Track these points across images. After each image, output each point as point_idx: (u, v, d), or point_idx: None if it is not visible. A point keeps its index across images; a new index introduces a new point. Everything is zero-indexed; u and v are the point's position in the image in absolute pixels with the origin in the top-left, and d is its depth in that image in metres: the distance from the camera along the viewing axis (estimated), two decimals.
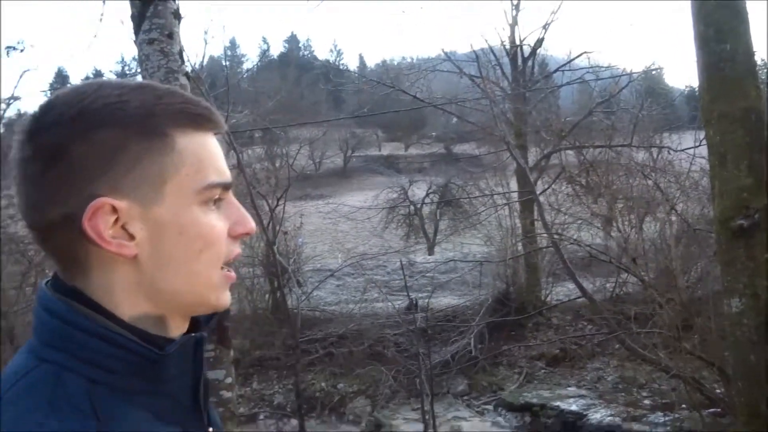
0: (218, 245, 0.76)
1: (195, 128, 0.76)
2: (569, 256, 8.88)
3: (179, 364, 0.74)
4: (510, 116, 12.33)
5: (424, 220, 22.70)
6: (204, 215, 0.75)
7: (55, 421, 0.63)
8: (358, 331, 12.34)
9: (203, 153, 0.76)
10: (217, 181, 0.76)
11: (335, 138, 32.91)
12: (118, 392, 0.69)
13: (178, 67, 2.90)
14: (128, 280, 0.73)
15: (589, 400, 10.26)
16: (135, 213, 0.72)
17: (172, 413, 0.74)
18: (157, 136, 0.73)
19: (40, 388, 0.66)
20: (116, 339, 0.69)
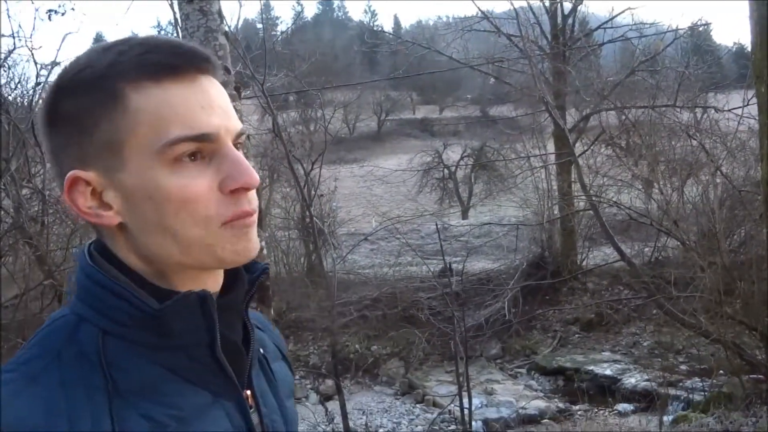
0: (198, 203, 0.70)
1: (154, 80, 0.69)
2: (607, 220, 8.71)
3: (185, 319, 0.71)
4: (549, 76, 12.02)
5: (459, 183, 22.53)
6: (172, 175, 0.69)
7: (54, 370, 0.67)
8: (392, 295, 12.42)
9: (163, 107, 0.69)
10: (181, 135, 0.68)
11: (369, 101, 32.67)
12: (131, 344, 0.70)
13: (217, 26, 2.88)
14: (126, 245, 0.73)
15: (624, 364, 10.20)
16: (105, 182, 0.71)
17: (193, 371, 0.73)
18: (110, 98, 0.69)
19: (58, 334, 0.70)
20: (121, 292, 0.70)
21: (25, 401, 0.64)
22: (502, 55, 12.07)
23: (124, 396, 0.67)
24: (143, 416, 0.68)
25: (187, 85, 0.70)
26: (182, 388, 0.72)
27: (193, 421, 0.71)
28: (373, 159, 28.44)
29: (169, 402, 0.70)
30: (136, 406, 0.68)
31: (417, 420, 9.34)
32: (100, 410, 0.66)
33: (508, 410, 8.92)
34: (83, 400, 0.65)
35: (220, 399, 0.75)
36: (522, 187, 13.96)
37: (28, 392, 0.64)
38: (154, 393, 0.70)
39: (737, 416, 4.26)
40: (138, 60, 0.69)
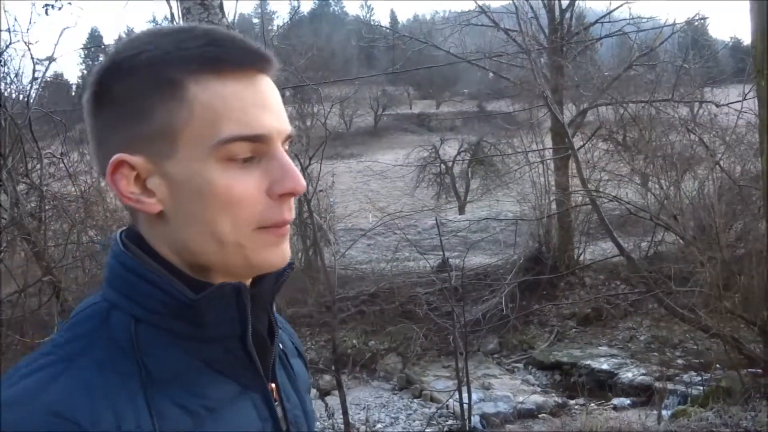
0: (244, 206, 0.69)
1: (216, 74, 0.68)
2: (604, 215, 8.73)
3: (219, 311, 0.71)
4: (546, 71, 12.02)
5: (456, 179, 22.52)
6: (223, 173, 0.68)
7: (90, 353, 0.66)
8: (390, 290, 12.44)
9: (221, 103, 0.68)
10: (237, 134, 0.68)
11: (366, 96, 32.59)
12: (164, 333, 0.70)
13: (219, 21, 2.86)
14: (163, 234, 0.72)
15: (621, 359, 10.24)
16: (152, 169, 0.69)
17: (225, 363, 0.73)
18: (168, 85, 0.68)
19: (90, 320, 0.70)
20: (155, 280, 0.69)
21: (65, 383, 0.63)
22: (499, 49, 12.06)
23: (157, 384, 0.67)
24: (177, 405, 0.68)
25: (246, 83, 0.70)
26: (213, 378, 0.72)
27: (222, 412, 0.71)
28: (370, 154, 28.39)
29: (200, 392, 0.70)
30: (169, 394, 0.68)
31: (414, 415, 9.36)
32: (136, 396, 0.65)
33: (505, 405, 8.95)
34: (118, 385, 0.65)
35: (248, 391, 0.75)
36: (519, 183, 13.96)
37: (68, 374, 0.64)
38: (186, 382, 0.70)
39: (736, 410, 4.28)
40: (201, 51, 0.68)
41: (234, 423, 0.72)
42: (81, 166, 7.42)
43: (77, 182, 6.88)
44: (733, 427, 4.05)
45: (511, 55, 11.54)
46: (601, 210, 8.23)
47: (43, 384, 0.62)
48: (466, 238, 14.26)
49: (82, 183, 7.00)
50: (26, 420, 0.59)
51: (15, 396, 0.61)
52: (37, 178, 6.16)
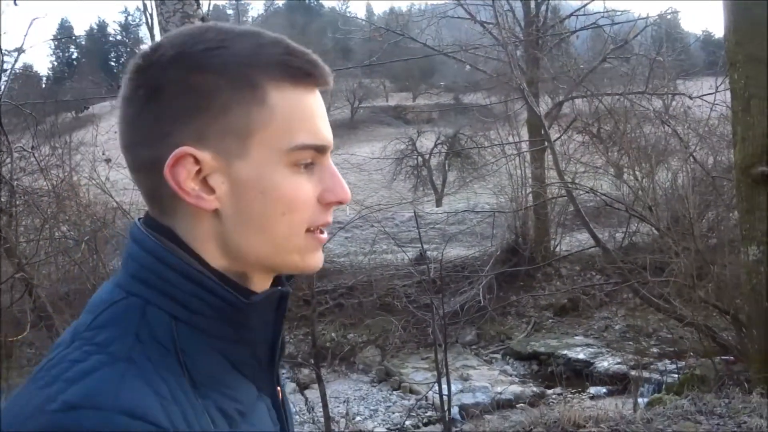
0: (302, 210, 0.72)
1: (292, 83, 0.71)
2: (580, 206, 8.81)
3: (262, 315, 0.73)
4: (522, 64, 12.07)
5: (433, 171, 22.57)
6: (290, 177, 0.71)
7: (141, 351, 0.63)
8: (368, 283, 12.44)
9: (296, 111, 0.71)
10: (308, 142, 0.71)
11: (342, 89, 32.48)
12: (200, 333, 0.69)
13: (194, 12, 2.81)
14: (210, 232, 0.71)
15: (597, 348, 10.39)
16: (218, 166, 0.70)
17: (249, 367, 0.74)
18: (248, 86, 0.69)
19: (127, 319, 0.66)
20: (204, 281, 0.69)
21: (133, 383, 0.60)
22: (476, 42, 12.08)
23: (198, 386, 0.66)
24: (218, 408, 0.68)
25: (313, 95, 0.73)
26: (240, 382, 0.73)
27: (250, 415, 0.73)
28: (346, 147, 28.28)
29: (232, 395, 0.71)
30: (210, 398, 0.67)
31: (394, 407, 9.38)
32: (192, 399, 0.65)
33: (483, 395, 9.02)
34: (173, 382, 0.64)
35: (262, 394, 0.77)
36: (496, 175, 14.04)
37: (132, 374, 0.61)
38: (221, 385, 0.70)
39: (710, 398, 4.37)
40: (281, 59, 0.70)
41: (258, 425, 0.74)
42: (52, 159, 7.29)
43: (49, 176, 6.76)
44: (708, 414, 4.13)
45: (488, 47, 11.57)
46: (577, 201, 8.31)
47: (110, 385, 0.59)
48: (444, 231, 14.32)
49: (53, 177, 6.88)
50: (104, 423, 0.56)
51: (83, 397, 0.57)
52: (8, 173, 6.03)
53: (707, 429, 3.94)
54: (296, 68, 0.71)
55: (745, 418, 4.00)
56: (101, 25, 53.73)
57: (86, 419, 0.56)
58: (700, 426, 3.99)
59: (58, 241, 6.56)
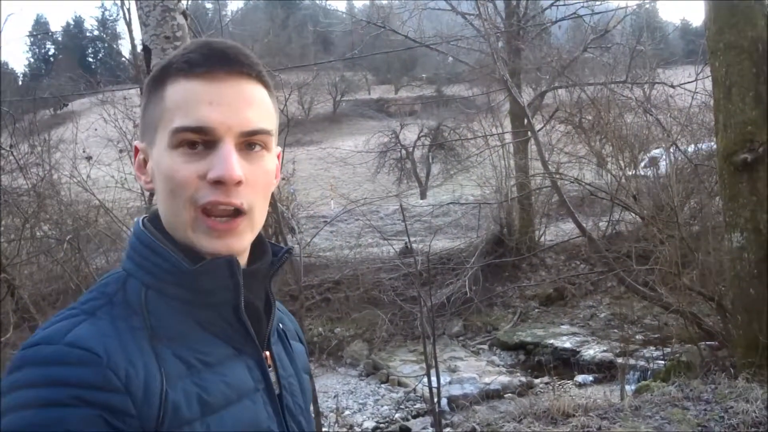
0: (184, 187, 0.81)
1: (185, 76, 0.81)
2: (564, 196, 8.84)
3: (213, 280, 0.82)
4: (504, 55, 12.07)
5: (416, 164, 22.57)
6: (171, 158, 0.81)
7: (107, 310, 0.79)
8: (354, 276, 12.42)
9: (181, 99, 0.81)
10: (182, 125, 0.80)
11: (325, 82, 32.33)
12: (168, 298, 0.82)
13: (175, 5, 2.76)
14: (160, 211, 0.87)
15: (582, 337, 10.47)
16: (147, 153, 0.86)
17: (218, 327, 0.85)
18: (158, 87, 0.84)
19: (112, 285, 0.84)
20: (161, 251, 0.83)
21: (84, 328, 0.76)
22: (457, 33, 12.06)
23: (161, 339, 0.79)
24: (176, 356, 0.79)
25: (208, 83, 0.81)
26: (209, 340, 0.83)
27: (217, 366, 0.82)
28: (330, 141, 28.25)
29: (196, 347, 0.82)
30: (170, 348, 0.79)
31: (382, 400, 9.39)
32: (143, 344, 0.77)
33: (472, 386, 9.05)
34: (129, 335, 0.77)
35: (242, 355, 0.86)
36: (480, 167, 14.05)
37: (88, 322, 0.77)
38: (185, 339, 0.81)
39: (697, 383, 4.41)
40: (181, 58, 0.83)
41: (228, 377, 0.83)
42: (32, 158, 7.17)
43: (28, 175, 6.65)
44: (695, 399, 4.18)
45: (470, 39, 11.56)
46: (562, 191, 8.35)
47: (66, 328, 0.75)
48: (429, 223, 14.33)
49: (33, 176, 6.77)
50: (51, 353, 0.73)
51: (43, 337, 0.75)
52: None
53: (695, 415, 3.98)
54: (185, 62, 0.82)
55: (731, 403, 4.04)
56: (78, 20, 53.00)
57: (41, 351, 0.73)
58: (688, 412, 4.04)
59: (40, 241, 6.48)
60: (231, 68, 0.81)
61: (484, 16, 8.73)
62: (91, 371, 0.71)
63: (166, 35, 2.71)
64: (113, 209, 7.36)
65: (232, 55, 0.82)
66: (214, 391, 0.80)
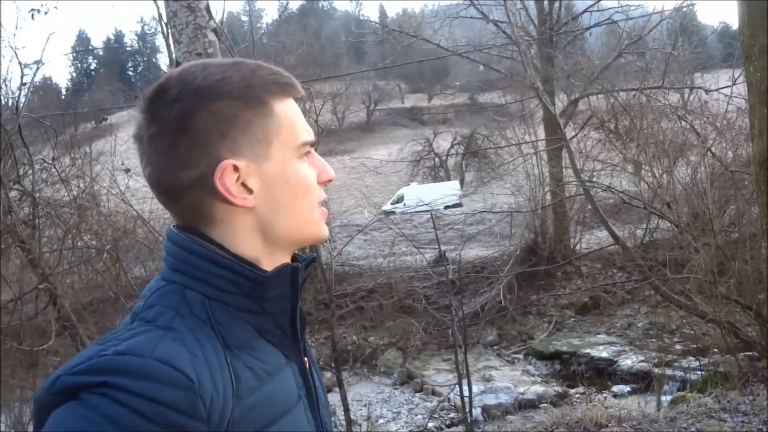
0: (314, 190, 0.92)
1: (284, 95, 0.90)
2: (599, 204, 8.73)
3: (277, 288, 0.87)
4: (536, 62, 12.00)
5: (450, 171, 22.53)
6: (302, 167, 0.90)
7: (180, 322, 0.80)
8: (388, 285, 12.44)
9: (294, 115, 0.90)
10: (308, 139, 0.91)
11: (358, 92, 32.55)
12: (230, 308, 0.84)
13: (206, 23, 2.84)
14: (248, 226, 0.88)
15: (620, 346, 10.28)
16: (251, 170, 0.86)
17: (273, 335, 0.88)
18: (259, 103, 0.87)
19: (169, 300, 0.83)
20: (225, 263, 0.85)
21: (168, 343, 0.76)
22: (490, 41, 12.04)
23: (231, 349, 0.81)
24: (247, 367, 0.82)
25: (296, 102, 0.92)
26: (266, 347, 0.87)
27: (276, 376, 0.86)
28: (363, 149, 28.38)
29: (259, 357, 0.85)
30: (241, 358, 0.82)
31: (416, 409, 9.38)
32: (221, 356, 0.79)
33: (506, 396, 8.97)
34: (210, 350, 0.79)
35: (289, 361, 0.90)
36: (513, 174, 13.96)
37: (169, 336, 0.77)
38: (250, 348, 0.84)
39: (734, 395, 4.30)
40: (273, 78, 0.89)
41: (283, 386, 0.87)
42: (73, 170, 7.37)
43: (70, 187, 6.84)
44: (732, 411, 4.07)
45: (502, 46, 11.52)
46: (595, 199, 8.24)
47: (150, 341, 0.75)
48: (462, 231, 14.27)
49: (74, 188, 6.96)
50: (141, 365, 0.72)
51: (129, 348, 0.74)
52: (30, 184, 6.12)
53: (731, 427, 3.88)
54: (284, 83, 0.89)
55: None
56: (118, 35, 54.43)
57: (129, 362, 0.72)
58: (725, 424, 3.94)
59: (81, 251, 6.65)
60: (299, 89, 0.92)
61: (516, 24, 8.69)
62: (183, 396, 0.72)
63: (198, 52, 2.80)
64: (150, 220, 7.51)
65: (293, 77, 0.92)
66: (275, 403, 0.84)
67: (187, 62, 0.95)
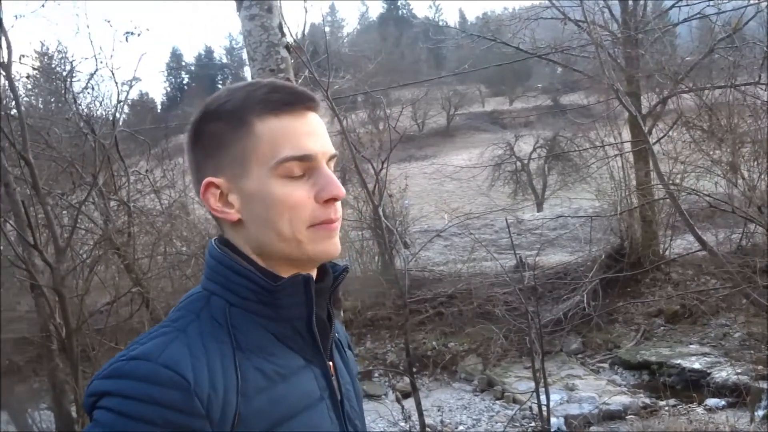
0: (300, 209, 0.92)
1: (273, 114, 0.92)
2: (689, 207, 8.33)
3: (291, 296, 0.92)
4: (621, 61, 11.60)
5: (532, 175, 22.12)
6: (282, 186, 0.91)
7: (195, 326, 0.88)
8: (467, 291, 12.36)
9: (278, 134, 0.91)
10: (289, 155, 0.91)
11: (437, 97, 32.54)
12: (249, 314, 0.92)
13: (278, 41, 2.96)
14: (243, 238, 0.95)
15: (713, 357, 9.72)
16: (231, 187, 0.93)
17: (292, 340, 0.94)
18: (241, 125, 0.91)
19: (197, 302, 0.93)
20: (244, 272, 0.92)
21: (176, 347, 0.84)
22: (571, 41, 11.74)
23: (244, 351, 0.88)
24: (256, 368, 0.88)
25: (296, 118, 0.93)
26: (284, 352, 0.93)
27: (291, 377, 0.92)
28: (443, 155, 28.32)
29: (274, 360, 0.91)
30: (251, 360, 0.89)
31: (497, 416, 9.26)
32: (227, 358, 0.86)
33: (590, 406, 8.70)
34: (215, 348, 0.86)
35: (310, 365, 0.96)
36: (597, 177, 13.54)
37: (179, 340, 0.85)
38: (265, 352, 0.91)
39: None
40: (263, 98, 0.92)
41: (299, 388, 0.93)
42: (164, 181, 7.82)
43: (161, 197, 7.26)
44: None
45: (581, 47, 11.22)
46: (686, 203, 7.87)
47: (160, 346, 0.84)
48: (546, 236, 13.99)
49: (165, 197, 7.39)
50: (147, 370, 0.81)
51: (140, 353, 0.83)
52: (125, 195, 6.54)
53: None
54: (275, 101, 0.92)
55: None
56: (208, 50, 57.04)
57: (138, 366, 0.82)
58: None
59: (171, 257, 7.03)
60: (307, 104, 0.94)
61: (597, 23, 8.44)
62: (180, 396, 0.80)
63: (270, 68, 2.92)
64: None
65: (303, 93, 0.95)
66: (286, 403, 0.89)
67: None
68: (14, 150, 4.93)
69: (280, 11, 3.03)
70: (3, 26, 5.00)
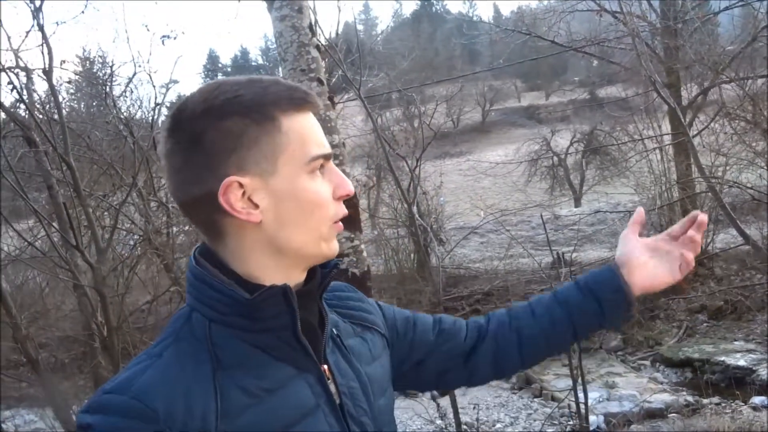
0: (326, 206, 0.92)
1: (296, 110, 0.90)
2: (732, 201, 8.10)
3: (271, 307, 0.89)
4: (660, 52, 11.34)
5: (569, 170, 21.81)
6: (312, 182, 0.91)
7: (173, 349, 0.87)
8: (504, 288, 12.28)
9: (305, 131, 0.91)
10: (318, 153, 0.91)
11: (472, 93, 32.33)
12: (230, 329, 0.89)
13: (309, 41, 2.99)
14: (256, 241, 0.91)
15: (759, 354, 9.46)
16: (257, 186, 0.89)
17: (279, 350, 0.91)
18: (267, 120, 0.88)
19: (178, 321, 0.91)
20: (219, 287, 0.88)
21: (149, 374, 0.83)
22: (607, 33, 11.53)
23: (225, 369, 0.86)
24: (239, 387, 0.86)
25: (311, 116, 0.93)
26: (270, 363, 0.90)
27: (279, 390, 0.89)
28: (478, 151, 28.15)
29: (260, 374, 0.88)
30: (234, 378, 0.86)
31: (535, 414, 9.17)
32: (205, 379, 0.84)
33: (630, 404, 8.55)
34: (192, 370, 0.85)
35: (302, 372, 0.92)
36: (636, 171, 13.27)
37: (153, 367, 0.84)
38: (249, 367, 0.88)
39: None
40: (285, 94, 0.90)
41: (290, 399, 0.90)
42: None
43: None
44: None
45: (618, 39, 11.00)
46: (729, 196, 7.65)
47: (131, 378, 0.83)
48: (582, 232, 13.79)
49: None
50: (117, 404, 0.81)
51: (113, 387, 0.83)
52: (164, 196, 6.68)
53: None
54: (297, 98, 0.91)
55: None
56: (243, 52, 57.79)
57: (111, 400, 0.82)
58: None
59: None
60: (315, 103, 0.94)
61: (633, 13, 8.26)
62: (148, 428, 0.79)
63: (302, 68, 2.95)
64: None
65: (312, 93, 0.94)
66: (276, 417, 0.87)
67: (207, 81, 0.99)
68: (56, 153, 5.08)
69: (310, 11, 3.06)
70: (45, 33, 5.16)
